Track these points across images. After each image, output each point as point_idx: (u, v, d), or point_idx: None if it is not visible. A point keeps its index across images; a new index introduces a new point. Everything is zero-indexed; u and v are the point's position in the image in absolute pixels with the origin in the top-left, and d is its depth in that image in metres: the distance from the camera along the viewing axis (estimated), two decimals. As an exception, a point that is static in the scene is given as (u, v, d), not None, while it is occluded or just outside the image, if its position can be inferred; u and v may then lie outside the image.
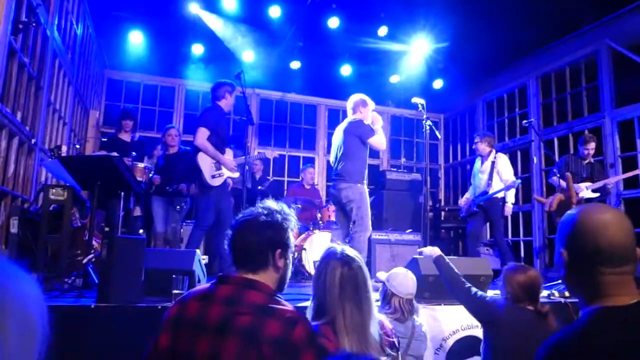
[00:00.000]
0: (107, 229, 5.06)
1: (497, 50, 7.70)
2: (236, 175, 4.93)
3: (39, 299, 0.52)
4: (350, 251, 1.92)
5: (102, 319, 2.82)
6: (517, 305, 2.46)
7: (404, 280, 2.82)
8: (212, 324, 1.52)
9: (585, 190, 5.74)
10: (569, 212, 1.32)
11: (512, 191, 6.00)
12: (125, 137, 5.49)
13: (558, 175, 5.77)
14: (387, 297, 2.80)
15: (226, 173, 4.80)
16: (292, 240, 1.74)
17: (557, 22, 6.86)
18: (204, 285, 1.69)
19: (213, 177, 4.72)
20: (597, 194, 5.79)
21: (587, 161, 5.93)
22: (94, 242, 3.84)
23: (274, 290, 1.65)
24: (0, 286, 0.46)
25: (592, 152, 5.91)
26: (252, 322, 1.50)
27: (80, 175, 3.65)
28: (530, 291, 2.46)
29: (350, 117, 5.01)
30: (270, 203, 1.74)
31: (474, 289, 2.70)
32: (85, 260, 3.48)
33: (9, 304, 0.47)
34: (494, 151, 6.14)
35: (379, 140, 4.90)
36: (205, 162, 4.69)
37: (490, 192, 5.90)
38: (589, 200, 5.79)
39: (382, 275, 4.00)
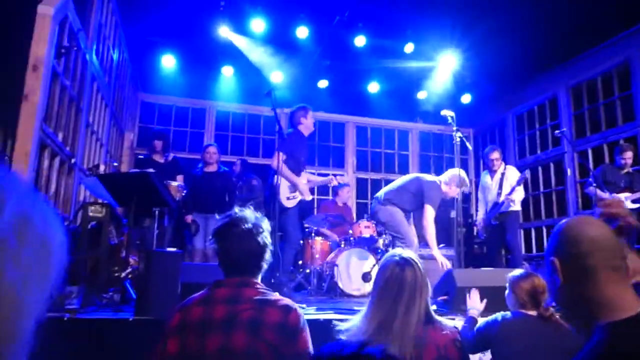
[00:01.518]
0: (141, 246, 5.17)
1: (526, 62, 7.65)
2: (309, 198, 5.19)
3: (58, 229, 0.55)
4: (409, 254, 1.95)
5: (140, 332, 2.87)
6: (521, 312, 2.51)
7: None
8: (218, 321, 1.68)
9: (625, 201, 5.60)
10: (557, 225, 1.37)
11: (522, 190, 6.00)
12: (158, 158, 5.62)
13: (595, 184, 5.63)
14: None
15: (300, 195, 5.07)
16: (270, 238, 1.93)
17: (586, 32, 6.77)
18: (199, 292, 1.84)
19: (288, 198, 4.99)
20: (638, 205, 5.63)
21: (625, 171, 5.80)
22: (130, 259, 3.93)
23: (264, 286, 1.86)
24: (21, 212, 0.49)
25: (629, 161, 5.79)
26: (254, 314, 1.69)
27: (117, 192, 3.76)
28: (534, 296, 2.51)
29: (436, 178, 5.29)
30: (247, 212, 1.91)
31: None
32: (123, 275, 3.56)
33: (29, 230, 0.49)
34: (503, 164, 6.25)
35: (430, 219, 5.01)
36: (282, 184, 4.91)
37: (501, 200, 5.88)
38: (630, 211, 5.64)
39: None
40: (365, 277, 5.71)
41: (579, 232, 1.25)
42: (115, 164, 4.64)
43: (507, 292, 2.69)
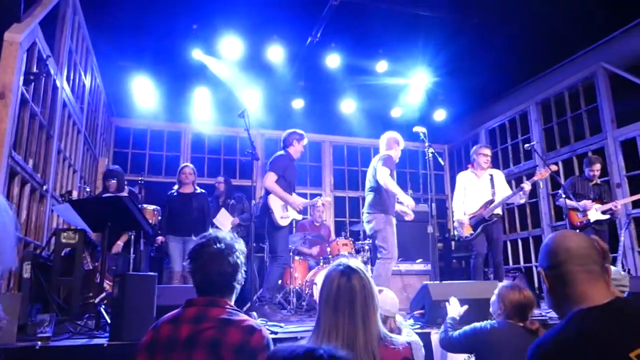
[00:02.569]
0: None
1: (496, 79, 7.85)
2: (299, 217, 5.30)
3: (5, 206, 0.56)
4: (355, 263, 1.82)
5: (115, 357, 2.82)
6: (507, 322, 2.58)
7: (393, 299, 2.86)
8: (182, 340, 1.69)
9: (595, 212, 5.74)
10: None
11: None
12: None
13: (564, 196, 5.77)
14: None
15: (292, 214, 5.12)
16: (243, 258, 1.92)
17: (553, 48, 7.01)
18: (174, 311, 1.84)
19: (282, 217, 5.04)
20: (608, 216, 5.77)
21: (593, 182, 5.95)
22: (105, 284, 3.87)
23: (233, 306, 1.84)
24: None
25: (597, 173, 5.95)
26: (215, 333, 1.69)
27: (91, 217, 3.71)
28: (521, 310, 2.60)
29: (383, 152, 5.37)
30: (219, 232, 1.92)
31: (455, 333, 2.76)
32: (97, 300, 3.50)
33: None
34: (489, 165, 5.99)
35: (390, 184, 5.01)
36: (275, 204, 5.02)
37: (499, 199, 5.61)
38: (598, 222, 5.77)
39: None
40: (345, 294, 5.68)
41: (557, 245, 1.50)
42: (88, 189, 4.58)
43: (493, 298, 2.75)
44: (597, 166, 5.95)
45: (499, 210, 5.63)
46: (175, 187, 6.25)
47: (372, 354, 1.68)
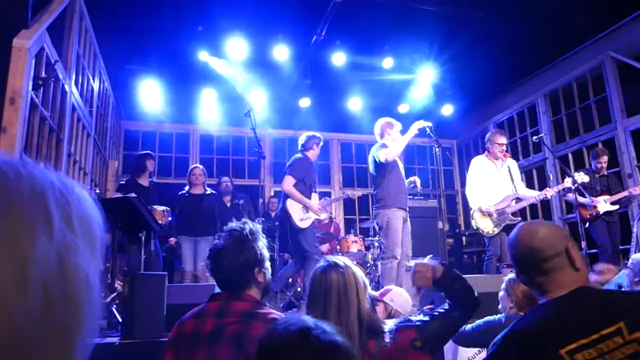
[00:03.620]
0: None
1: (503, 72, 7.80)
2: (323, 216, 5.49)
3: (96, 209, 0.56)
4: (341, 260, 1.83)
5: (127, 356, 2.86)
6: (517, 314, 2.52)
7: (407, 298, 2.86)
8: (206, 334, 1.69)
9: (604, 203, 5.68)
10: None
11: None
12: (144, 181, 5.61)
13: (573, 188, 5.69)
14: (392, 317, 2.81)
15: (313, 216, 5.21)
16: (265, 251, 1.90)
17: (560, 39, 6.95)
18: (199, 306, 1.85)
19: (301, 219, 5.13)
20: (617, 206, 5.72)
21: (600, 174, 5.90)
22: (116, 284, 3.91)
23: (257, 299, 1.82)
24: (65, 193, 0.51)
25: (605, 165, 5.91)
26: (239, 328, 1.67)
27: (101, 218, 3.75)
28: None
29: (380, 142, 5.20)
30: (235, 225, 1.90)
31: (468, 326, 2.73)
32: (107, 300, 3.54)
33: (74, 209, 0.51)
34: (506, 154, 5.74)
35: (390, 149, 4.88)
36: (294, 207, 5.13)
37: (528, 196, 5.44)
38: (608, 213, 5.72)
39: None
40: (355, 291, 5.69)
41: (523, 249, 1.53)
42: (98, 190, 4.63)
43: (501, 293, 2.71)
44: (605, 158, 5.92)
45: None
46: (186, 187, 6.32)
47: (351, 345, 1.66)
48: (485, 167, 5.54)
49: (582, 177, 5.22)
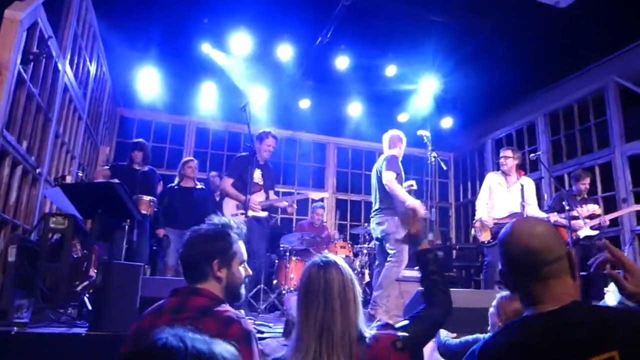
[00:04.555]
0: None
1: (505, 89, 7.74)
2: (261, 214, 5.21)
3: None
4: (333, 257, 1.77)
5: (94, 347, 2.74)
6: None
7: None
8: None
9: (584, 227, 5.58)
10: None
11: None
12: (138, 167, 5.51)
13: (557, 210, 5.63)
14: None
15: (250, 213, 4.97)
16: (237, 251, 1.83)
17: (564, 60, 6.90)
18: (160, 301, 1.78)
19: (233, 215, 5.04)
20: (596, 231, 5.62)
21: (580, 197, 5.84)
22: (92, 273, 3.80)
23: (218, 297, 1.74)
24: None
25: (587, 187, 5.88)
26: (192, 324, 1.53)
27: (81, 203, 3.65)
28: None
29: (387, 152, 5.21)
30: (216, 217, 1.87)
31: (455, 341, 2.68)
32: (79, 288, 3.42)
33: None
34: (521, 172, 5.71)
35: (396, 187, 4.84)
36: (227, 205, 5.17)
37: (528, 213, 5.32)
38: (588, 237, 5.62)
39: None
40: (339, 298, 5.59)
41: (518, 247, 1.34)
42: (81, 173, 4.52)
43: (491, 310, 2.63)
44: (587, 180, 5.88)
45: None
46: (176, 180, 6.22)
47: (349, 344, 1.59)
48: (495, 183, 5.62)
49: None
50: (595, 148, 7.01)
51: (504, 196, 5.48)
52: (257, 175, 5.25)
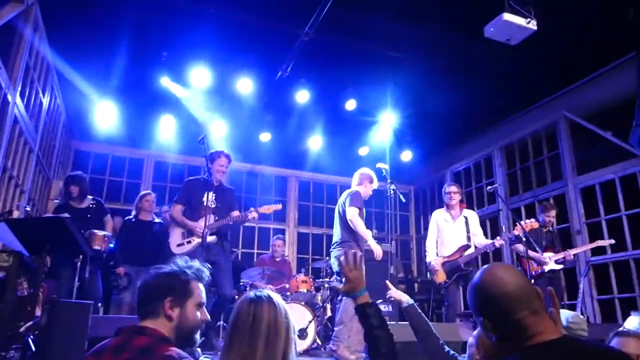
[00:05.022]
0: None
1: (462, 123, 7.95)
2: (210, 238, 4.69)
3: None
4: (267, 292, 1.70)
5: (36, 394, 2.56)
6: None
7: None
8: None
9: (550, 261, 5.69)
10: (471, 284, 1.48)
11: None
12: (76, 204, 5.23)
13: (523, 240, 5.68)
14: None
15: (197, 239, 4.75)
16: (195, 292, 1.74)
17: (518, 95, 7.16)
18: (104, 341, 1.67)
19: (178, 245, 4.83)
20: (561, 265, 5.73)
21: (546, 229, 5.94)
22: (38, 312, 3.58)
23: (165, 336, 1.64)
24: None
25: (553, 220, 5.96)
26: None
27: (28, 238, 3.46)
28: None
29: (353, 188, 5.22)
30: (180, 261, 1.79)
31: (446, 347, 2.59)
32: (22, 329, 3.22)
33: None
34: (464, 206, 5.90)
35: (359, 223, 4.88)
36: (174, 232, 4.93)
37: (476, 245, 5.50)
38: (553, 271, 5.72)
39: None
40: (301, 333, 5.48)
41: (496, 291, 1.36)
42: (28, 208, 4.31)
43: (471, 340, 2.58)
44: (553, 212, 5.96)
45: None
46: (133, 212, 6.05)
47: None
48: (441, 220, 5.77)
49: (532, 224, 5.29)
50: (549, 180, 7.23)
51: (451, 230, 5.64)
52: (210, 198, 4.83)
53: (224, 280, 4.73)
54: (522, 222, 5.29)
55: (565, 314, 2.73)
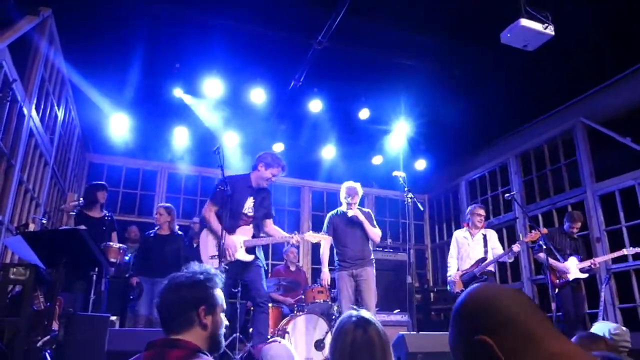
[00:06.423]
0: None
1: (477, 131, 7.87)
2: (246, 258, 4.35)
3: None
4: (367, 314, 1.74)
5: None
6: None
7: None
8: None
9: (575, 270, 5.60)
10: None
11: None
12: (95, 213, 5.29)
13: (544, 248, 5.57)
14: None
15: (227, 258, 4.21)
16: (220, 298, 1.75)
17: (534, 102, 7.07)
18: (135, 356, 1.64)
19: (212, 257, 4.27)
20: (586, 275, 5.65)
21: (571, 237, 5.87)
22: (55, 326, 3.55)
23: (199, 347, 1.62)
24: None
25: (578, 230, 5.95)
26: None
27: (45, 252, 3.44)
28: None
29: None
30: (195, 266, 1.78)
31: None
32: (39, 344, 3.18)
33: None
34: (483, 225, 6.07)
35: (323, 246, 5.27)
36: (208, 241, 4.37)
37: (490, 258, 5.70)
38: (577, 280, 5.62)
39: None
40: (318, 345, 5.42)
41: (494, 303, 1.04)
42: (44, 221, 4.31)
43: None
44: (579, 224, 5.95)
45: (491, 268, 5.68)
46: (156, 228, 6.08)
47: None
48: (461, 238, 6.03)
49: (535, 234, 5.38)
50: (567, 188, 7.11)
51: (469, 248, 5.91)
52: (249, 205, 4.43)
53: (258, 284, 4.39)
54: (533, 231, 5.40)
55: (607, 326, 2.65)
